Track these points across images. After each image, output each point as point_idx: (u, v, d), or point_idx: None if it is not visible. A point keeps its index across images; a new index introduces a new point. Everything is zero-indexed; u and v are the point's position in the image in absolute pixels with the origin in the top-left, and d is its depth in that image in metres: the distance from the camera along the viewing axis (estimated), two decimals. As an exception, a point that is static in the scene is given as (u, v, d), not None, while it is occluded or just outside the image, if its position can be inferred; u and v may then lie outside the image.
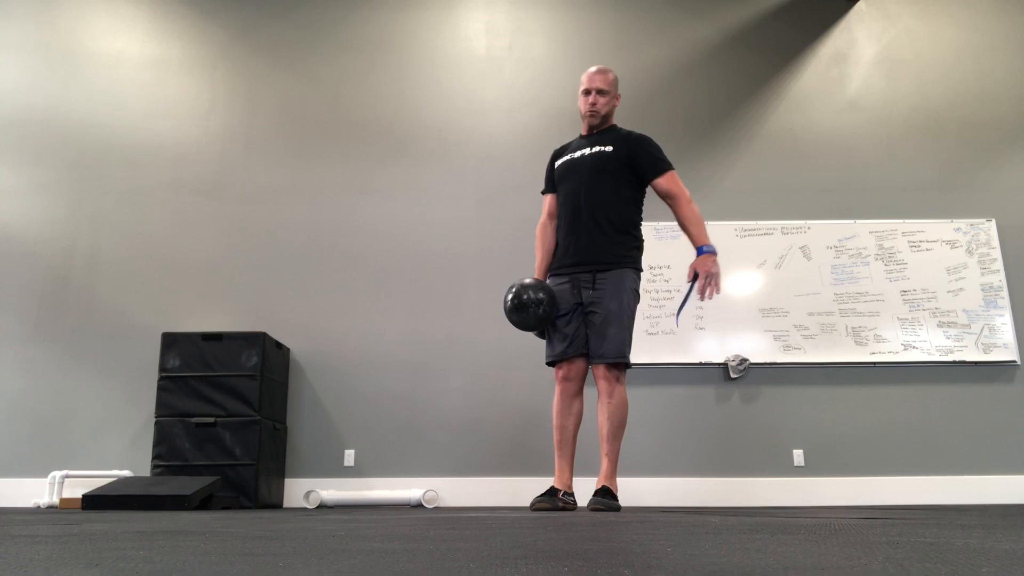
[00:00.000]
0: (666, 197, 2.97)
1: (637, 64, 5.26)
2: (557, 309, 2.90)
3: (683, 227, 2.94)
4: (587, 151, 3.01)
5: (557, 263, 3.02)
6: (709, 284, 2.79)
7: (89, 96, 5.16)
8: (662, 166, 2.96)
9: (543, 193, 3.20)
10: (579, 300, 2.91)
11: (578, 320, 2.90)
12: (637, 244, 2.99)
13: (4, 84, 5.17)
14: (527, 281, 2.91)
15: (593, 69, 3.04)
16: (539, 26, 5.35)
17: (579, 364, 2.91)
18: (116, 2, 5.33)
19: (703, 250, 2.84)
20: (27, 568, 0.67)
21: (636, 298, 2.93)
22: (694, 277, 2.84)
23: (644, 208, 3.09)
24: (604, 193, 2.94)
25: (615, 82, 3.05)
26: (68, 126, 5.10)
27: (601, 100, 3.00)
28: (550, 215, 3.12)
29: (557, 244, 3.06)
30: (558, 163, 3.11)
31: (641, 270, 2.99)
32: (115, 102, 5.15)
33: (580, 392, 2.93)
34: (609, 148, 2.96)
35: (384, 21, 5.33)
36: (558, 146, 3.24)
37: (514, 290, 2.88)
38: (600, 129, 3.06)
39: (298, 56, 5.26)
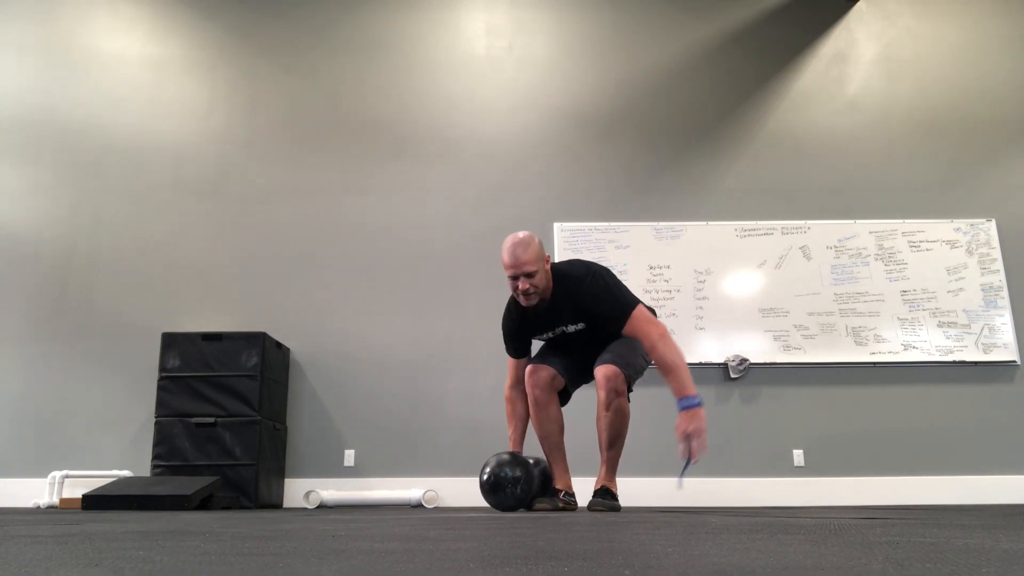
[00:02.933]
0: (638, 340, 2.59)
1: (637, 64, 5.26)
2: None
3: (661, 372, 2.49)
4: (565, 329, 2.74)
5: None
6: (691, 445, 2.34)
7: (89, 96, 5.16)
8: (624, 310, 2.56)
9: (510, 356, 2.88)
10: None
11: (578, 362, 2.85)
12: None
13: (4, 84, 5.17)
14: (504, 457, 2.68)
15: (517, 241, 2.59)
16: (539, 26, 5.35)
17: (547, 371, 2.80)
18: (116, 2, 5.33)
19: (683, 404, 2.40)
20: (27, 568, 0.67)
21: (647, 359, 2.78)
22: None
23: (641, 205, 3.07)
24: (608, 337, 2.78)
25: (540, 250, 2.61)
26: (68, 126, 5.10)
27: (532, 282, 2.58)
28: (518, 380, 2.86)
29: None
30: (537, 339, 2.86)
31: None
32: (115, 102, 5.15)
33: (552, 394, 2.83)
34: (581, 325, 2.70)
35: (384, 21, 5.33)
36: (509, 306, 2.82)
37: (490, 467, 2.65)
38: (549, 299, 2.69)
39: (298, 56, 5.26)
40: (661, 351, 2.46)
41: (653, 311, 2.71)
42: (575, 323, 2.71)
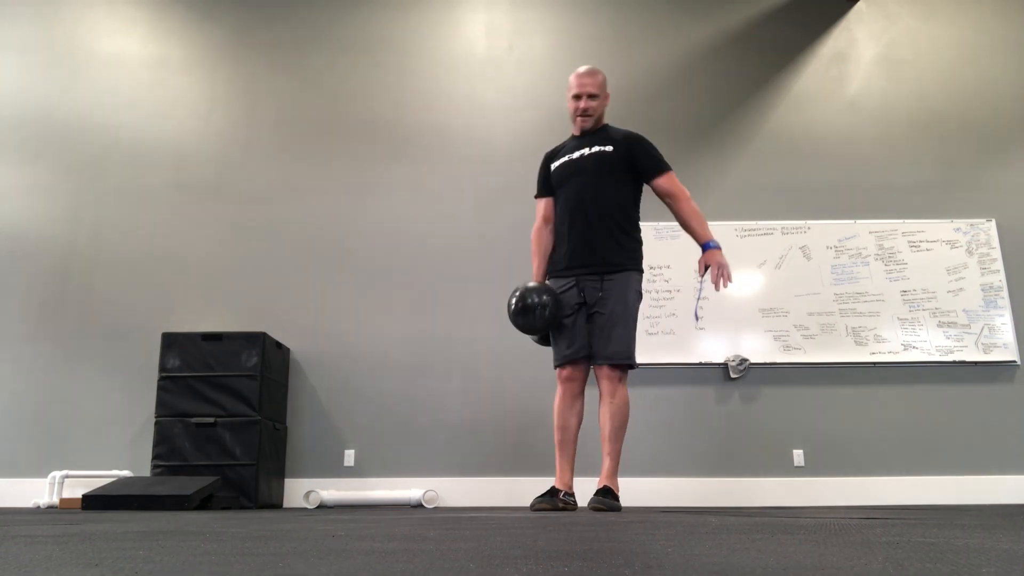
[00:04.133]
0: (665, 196, 2.99)
1: (637, 64, 5.26)
2: (562, 311, 2.90)
3: (685, 225, 2.97)
4: (586, 151, 2.99)
5: (560, 265, 3.01)
6: (721, 275, 2.83)
7: (89, 96, 5.16)
8: (661, 166, 2.97)
9: (537, 197, 3.16)
10: (582, 300, 2.92)
11: (582, 321, 2.91)
12: (639, 245, 3.00)
13: (4, 84, 5.17)
14: (531, 284, 2.91)
15: (582, 70, 3.00)
16: (539, 27, 5.34)
17: (582, 365, 2.92)
18: (116, 2, 5.33)
19: (709, 245, 2.89)
20: (27, 568, 0.67)
21: (639, 299, 2.95)
22: (705, 270, 2.90)
23: (643, 208, 3.09)
24: (608, 194, 2.94)
25: (604, 82, 3.02)
26: (68, 126, 5.10)
27: (592, 104, 2.99)
28: (545, 219, 3.10)
29: (555, 248, 3.05)
30: (554, 165, 3.08)
31: (643, 271, 3.01)
32: (115, 102, 5.15)
33: (582, 393, 2.94)
34: (609, 148, 2.96)
35: (384, 21, 5.33)
36: (551, 148, 3.19)
37: (518, 293, 2.88)
38: (594, 130, 3.05)
39: (298, 56, 5.26)
40: (690, 208, 2.94)
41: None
42: (603, 145, 2.97)
